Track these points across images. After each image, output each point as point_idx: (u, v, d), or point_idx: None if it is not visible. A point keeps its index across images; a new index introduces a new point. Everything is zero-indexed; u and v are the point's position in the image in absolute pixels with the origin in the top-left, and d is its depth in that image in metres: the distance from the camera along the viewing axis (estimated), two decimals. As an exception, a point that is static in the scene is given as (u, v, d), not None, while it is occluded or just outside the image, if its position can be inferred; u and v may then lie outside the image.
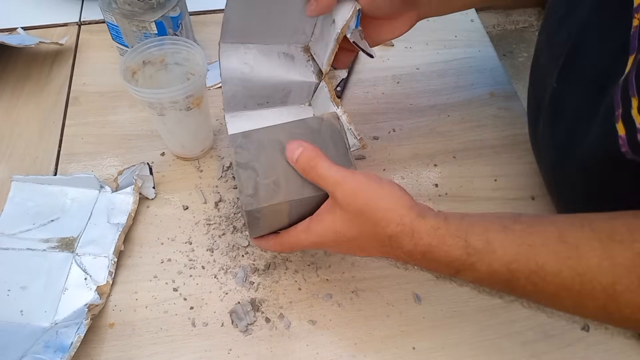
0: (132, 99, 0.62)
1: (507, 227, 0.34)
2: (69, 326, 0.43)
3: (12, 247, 0.49)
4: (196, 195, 0.54)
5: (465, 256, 0.34)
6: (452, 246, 0.34)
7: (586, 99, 0.41)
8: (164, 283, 0.48)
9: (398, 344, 0.45)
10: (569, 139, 0.44)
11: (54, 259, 0.48)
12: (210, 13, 0.74)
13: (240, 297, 0.47)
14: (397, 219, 0.35)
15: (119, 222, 0.50)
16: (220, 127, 0.60)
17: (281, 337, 0.45)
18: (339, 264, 0.50)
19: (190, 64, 0.51)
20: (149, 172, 0.53)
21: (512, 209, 0.54)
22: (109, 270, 0.47)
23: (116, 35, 0.61)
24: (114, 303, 0.47)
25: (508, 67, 1.87)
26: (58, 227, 0.51)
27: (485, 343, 0.45)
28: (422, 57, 0.69)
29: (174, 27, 0.60)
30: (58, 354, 0.41)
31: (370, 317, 0.46)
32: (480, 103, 0.64)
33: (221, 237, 0.51)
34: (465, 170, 0.57)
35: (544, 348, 0.45)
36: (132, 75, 0.49)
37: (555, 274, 0.32)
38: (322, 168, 0.37)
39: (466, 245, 0.34)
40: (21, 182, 0.53)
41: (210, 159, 0.58)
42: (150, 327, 0.45)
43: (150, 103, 0.48)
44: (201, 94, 0.50)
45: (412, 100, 0.64)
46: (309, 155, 0.37)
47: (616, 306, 0.31)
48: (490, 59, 0.69)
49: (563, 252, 0.32)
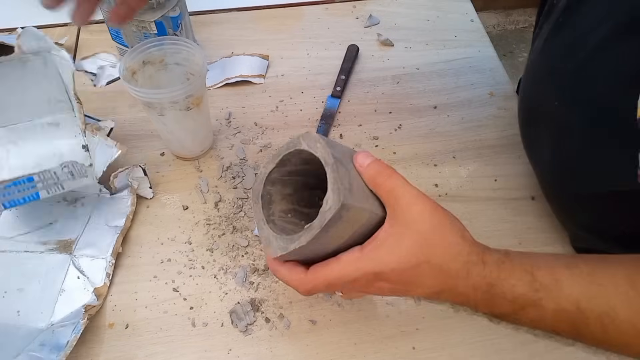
0: (132, 99, 0.62)
1: (572, 265, 0.33)
2: (65, 326, 0.43)
3: (9, 249, 0.49)
4: (196, 195, 0.54)
5: (531, 292, 0.33)
6: (519, 280, 0.33)
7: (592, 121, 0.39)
8: (164, 283, 0.48)
9: (398, 344, 0.45)
10: (572, 161, 0.42)
11: (51, 261, 0.48)
12: (210, 13, 0.74)
13: (240, 297, 0.47)
14: (467, 249, 0.34)
15: (117, 224, 0.50)
16: (220, 127, 0.60)
17: (281, 337, 0.45)
18: (339, 264, 0.50)
19: (190, 64, 0.51)
20: (143, 174, 0.53)
21: (512, 208, 0.54)
22: (106, 272, 0.47)
23: (116, 35, 0.61)
24: (113, 303, 0.47)
25: (508, 67, 1.86)
26: (56, 230, 0.51)
27: (485, 343, 0.45)
28: (422, 57, 0.69)
29: (174, 27, 0.60)
30: (54, 352, 0.41)
31: (370, 317, 0.46)
32: (480, 103, 0.64)
33: (221, 237, 0.51)
34: (465, 170, 0.57)
35: (544, 348, 0.45)
36: (132, 75, 0.49)
37: (628, 321, 0.31)
38: (398, 179, 0.34)
39: (533, 280, 0.33)
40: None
41: (210, 159, 0.58)
42: (150, 327, 0.45)
43: (150, 103, 0.48)
44: (201, 94, 0.50)
45: (412, 100, 0.64)
46: (382, 165, 0.34)
47: None
48: (490, 59, 0.69)
49: (635, 300, 0.31)
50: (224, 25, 0.72)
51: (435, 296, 0.36)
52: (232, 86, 0.65)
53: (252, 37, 0.71)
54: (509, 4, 2.05)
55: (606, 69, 0.38)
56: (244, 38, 0.70)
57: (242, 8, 0.75)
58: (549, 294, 0.32)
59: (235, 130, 0.60)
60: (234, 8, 0.75)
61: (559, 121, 0.43)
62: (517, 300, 0.33)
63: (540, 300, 0.33)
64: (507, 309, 0.34)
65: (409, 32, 0.72)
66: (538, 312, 0.33)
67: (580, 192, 0.43)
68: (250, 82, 0.65)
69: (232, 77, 0.65)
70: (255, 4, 0.75)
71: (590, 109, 0.39)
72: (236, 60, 0.67)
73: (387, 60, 0.68)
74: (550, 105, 0.43)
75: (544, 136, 0.46)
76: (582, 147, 0.41)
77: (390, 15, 0.74)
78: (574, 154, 0.42)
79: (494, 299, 0.34)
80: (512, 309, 0.34)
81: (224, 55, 0.68)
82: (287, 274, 0.35)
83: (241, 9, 0.75)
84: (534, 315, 0.34)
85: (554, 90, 0.43)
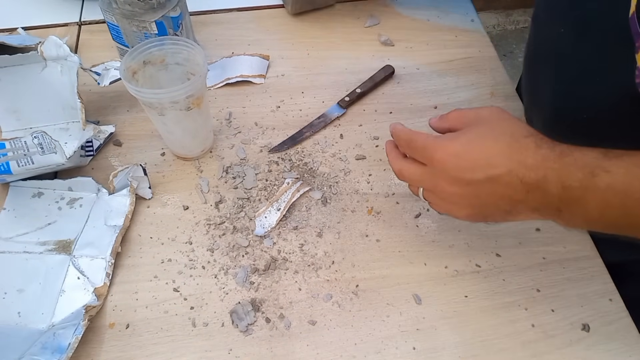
0: (132, 99, 0.62)
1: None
2: (66, 327, 0.43)
3: (8, 250, 0.49)
4: (196, 195, 0.54)
5: (602, 157, 0.33)
6: (590, 151, 0.34)
7: (594, 45, 0.42)
8: (164, 283, 0.48)
9: (398, 344, 0.45)
10: (575, 85, 0.45)
11: (51, 262, 0.48)
12: (210, 13, 0.74)
13: (241, 297, 0.47)
14: (532, 130, 0.36)
15: (116, 224, 0.50)
16: (221, 127, 0.60)
17: (281, 337, 0.45)
18: (339, 264, 0.50)
19: (190, 64, 0.51)
20: (143, 173, 0.53)
21: (512, 209, 0.54)
22: (106, 272, 0.47)
23: (116, 36, 0.61)
24: (114, 303, 0.47)
25: (508, 67, 1.86)
26: (55, 230, 0.51)
27: (485, 343, 0.45)
28: (422, 57, 0.69)
29: (175, 27, 0.60)
30: (55, 355, 0.41)
31: (370, 317, 0.46)
32: (480, 103, 0.64)
33: (221, 237, 0.51)
34: (465, 170, 0.57)
35: (544, 348, 0.45)
36: (132, 75, 0.49)
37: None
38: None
39: (604, 150, 0.33)
40: (19, 186, 0.53)
41: (210, 159, 0.58)
42: (150, 327, 0.45)
43: (150, 103, 0.48)
44: (201, 94, 0.50)
45: (412, 100, 0.64)
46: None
47: None
48: (490, 59, 0.69)
49: None
50: (225, 25, 0.72)
51: (504, 184, 0.35)
52: (232, 86, 0.65)
53: (253, 37, 0.71)
54: (509, 4, 2.05)
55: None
56: (245, 38, 0.70)
57: (242, 8, 0.75)
58: (621, 160, 0.33)
59: (236, 130, 0.60)
60: (234, 8, 0.75)
61: (561, 46, 0.47)
62: (589, 164, 0.33)
63: (612, 167, 0.32)
64: (576, 177, 0.33)
65: (409, 32, 0.72)
66: (609, 180, 0.32)
67: (585, 115, 0.45)
68: (250, 82, 0.65)
69: (232, 77, 0.65)
70: (255, 4, 0.75)
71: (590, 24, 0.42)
72: (236, 60, 0.67)
73: (387, 60, 0.68)
74: (555, 34, 0.48)
75: (547, 70, 0.50)
76: (585, 65, 0.43)
77: (390, 15, 0.74)
78: (575, 75, 0.45)
79: (564, 168, 0.34)
80: (581, 176, 0.33)
81: (225, 55, 0.68)
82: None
83: (241, 9, 0.75)
84: (605, 184, 0.33)
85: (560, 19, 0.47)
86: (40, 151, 0.48)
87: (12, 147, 0.48)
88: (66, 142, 0.56)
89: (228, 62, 0.67)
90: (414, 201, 0.54)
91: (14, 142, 0.48)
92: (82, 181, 0.52)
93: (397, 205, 0.54)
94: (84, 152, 0.55)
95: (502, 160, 0.35)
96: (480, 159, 0.36)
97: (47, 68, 0.56)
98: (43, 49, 0.54)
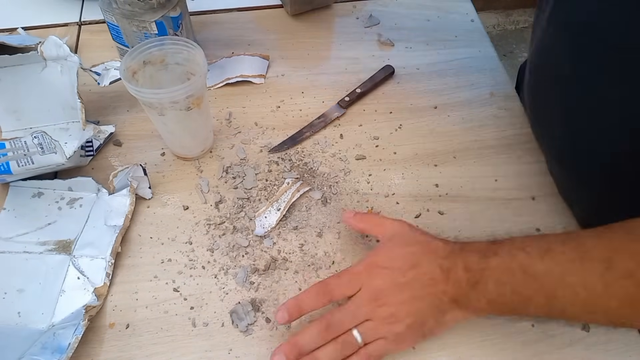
0: (132, 99, 0.62)
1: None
2: (66, 327, 0.43)
3: (8, 250, 0.49)
4: (196, 195, 0.54)
5: (491, 243, 0.41)
6: (482, 241, 0.42)
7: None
8: (164, 283, 0.48)
9: (398, 344, 0.45)
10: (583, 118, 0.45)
11: (51, 262, 0.48)
12: (210, 13, 0.74)
13: (241, 297, 0.47)
14: (433, 235, 0.45)
15: (116, 224, 0.50)
16: (221, 127, 0.60)
17: (282, 337, 0.45)
18: (340, 264, 0.50)
19: (190, 64, 0.51)
20: (143, 173, 0.53)
21: (512, 209, 0.54)
22: (106, 272, 0.47)
23: (116, 36, 0.61)
24: (114, 303, 0.47)
25: (508, 67, 1.87)
26: (55, 230, 0.50)
27: (485, 343, 0.45)
28: (422, 57, 0.69)
29: (174, 27, 0.60)
30: (55, 355, 0.41)
31: (370, 317, 0.46)
32: (480, 103, 0.64)
33: (221, 237, 0.51)
34: (465, 170, 0.57)
35: (544, 348, 0.45)
36: (132, 75, 0.49)
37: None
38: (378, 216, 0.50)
39: (493, 239, 0.42)
40: (19, 186, 0.53)
41: (210, 159, 0.58)
42: (150, 327, 0.45)
43: (150, 103, 0.48)
44: (201, 94, 0.50)
45: (412, 100, 0.64)
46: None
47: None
48: (490, 59, 0.69)
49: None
50: (225, 25, 0.72)
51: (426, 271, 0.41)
52: (232, 86, 0.65)
53: (252, 37, 0.71)
54: (509, 4, 2.05)
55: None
56: (244, 38, 0.70)
57: (242, 8, 0.75)
58: (503, 245, 0.40)
59: (236, 130, 0.60)
60: (234, 8, 0.75)
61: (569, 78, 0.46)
62: (482, 250, 0.40)
63: (498, 249, 0.40)
64: (475, 261, 0.40)
65: (409, 32, 0.72)
66: (498, 260, 0.39)
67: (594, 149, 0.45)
68: (250, 82, 0.65)
69: (232, 77, 0.65)
70: (256, 4, 0.75)
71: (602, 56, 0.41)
72: (236, 60, 0.67)
73: (387, 60, 0.68)
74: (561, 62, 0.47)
75: (555, 99, 0.49)
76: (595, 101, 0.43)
77: (390, 15, 0.75)
78: (585, 110, 0.45)
79: (466, 255, 0.41)
80: (479, 259, 0.40)
81: (225, 55, 0.68)
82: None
83: (241, 9, 0.75)
84: (496, 262, 0.39)
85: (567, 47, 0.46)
86: (40, 151, 0.48)
87: (12, 147, 0.48)
88: (66, 142, 0.56)
89: (228, 62, 0.67)
90: (414, 201, 0.54)
91: (14, 142, 0.48)
92: (82, 181, 0.52)
93: (397, 205, 0.54)
94: (84, 152, 0.55)
95: (421, 256, 0.42)
96: (403, 258, 0.43)
97: (47, 68, 0.56)
98: (43, 49, 0.54)
